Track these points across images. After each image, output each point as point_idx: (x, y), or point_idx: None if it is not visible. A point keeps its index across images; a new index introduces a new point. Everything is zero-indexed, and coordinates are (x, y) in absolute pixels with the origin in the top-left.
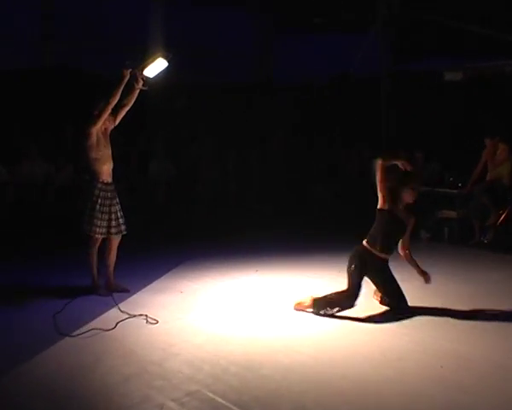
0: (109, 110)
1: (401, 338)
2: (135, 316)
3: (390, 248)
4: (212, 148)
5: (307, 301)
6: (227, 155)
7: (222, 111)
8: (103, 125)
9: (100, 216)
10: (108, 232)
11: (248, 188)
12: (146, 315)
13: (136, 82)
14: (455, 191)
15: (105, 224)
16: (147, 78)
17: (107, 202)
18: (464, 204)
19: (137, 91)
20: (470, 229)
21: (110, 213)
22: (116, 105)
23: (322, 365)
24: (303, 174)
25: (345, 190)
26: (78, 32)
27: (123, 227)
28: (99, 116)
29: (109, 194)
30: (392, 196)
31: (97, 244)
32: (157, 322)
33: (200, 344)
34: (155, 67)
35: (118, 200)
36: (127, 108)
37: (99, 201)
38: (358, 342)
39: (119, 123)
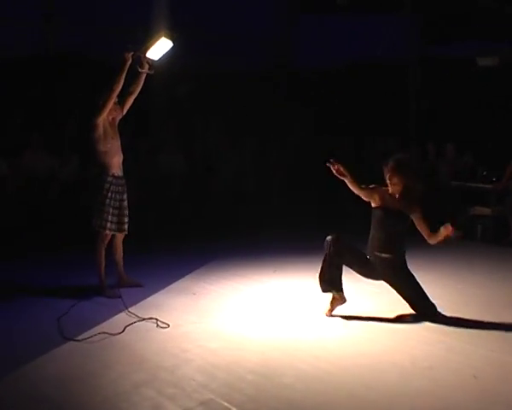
0: (113, 98)
1: (432, 345)
2: (144, 319)
3: (392, 247)
4: (227, 139)
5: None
6: (244, 146)
7: (237, 99)
8: (110, 115)
9: (111, 211)
10: (119, 229)
11: (268, 182)
12: (156, 319)
13: (140, 66)
14: (489, 186)
15: (115, 219)
16: (152, 61)
17: (118, 197)
18: (499, 200)
19: (143, 76)
20: (505, 226)
21: (121, 208)
22: (122, 93)
23: (347, 373)
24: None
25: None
26: (82, 16)
27: (126, 226)
28: (103, 106)
29: (120, 188)
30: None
31: (106, 241)
32: (168, 326)
33: (214, 350)
34: (159, 48)
35: (126, 195)
36: (134, 96)
37: (109, 195)
38: (385, 347)
39: (128, 112)
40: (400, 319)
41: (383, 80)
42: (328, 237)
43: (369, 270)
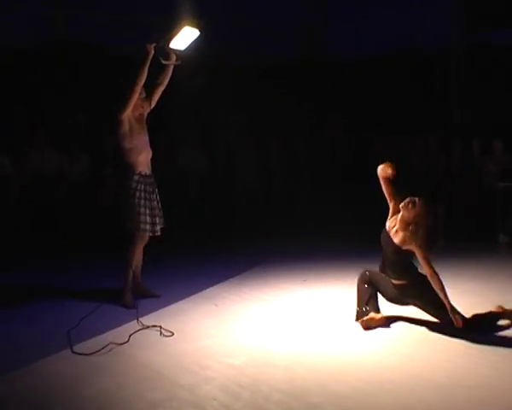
0: (138, 92)
1: (469, 360)
2: (161, 333)
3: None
4: (252, 135)
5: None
6: (270, 144)
7: (263, 93)
8: (137, 110)
9: (142, 211)
10: (152, 230)
11: (295, 182)
12: (172, 332)
13: (164, 57)
14: None
15: (149, 220)
16: (179, 51)
17: (148, 196)
18: None
19: (171, 67)
20: None
21: (152, 208)
22: (149, 85)
23: (381, 391)
24: (361, 165)
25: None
26: (91, 3)
27: (157, 227)
28: (127, 101)
29: (148, 187)
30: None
31: (145, 242)
32: (187, 340)
33: (237, 367)
34: (184, 37)
35: (157, 194)
36: (162, 88)
37: (137, 194)
38: (420, 363)
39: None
40: (431, 331)
41: (422, 71)
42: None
43: (396, 298)
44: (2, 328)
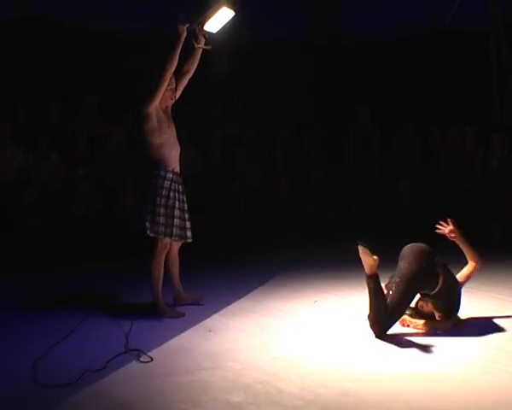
0: (167, 81)
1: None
2: (148, 360)
3: None
4: (254, 130)
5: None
6: (275, 139)
7: (268, 79)
8: (164, 102)
9: (177, 214)
10: (182, 236)
11: (305, 184)
12: (150, 358)
13: (197, 40)
14: None
15: (179, 223)
16: (209, 34)
17: (181, 197)
18: None
19: (199, 52)
20: None
21: (183, 211)
22: (175, 73)
23: None
24: (382, 162)
25: (442, 184)
26: None
27: (189, 233)
28: (156, 91)
29: (181, 187)
30: None
31: (166, 252)
32: (175, 372)
33: (235, 404)
34: (219, 19)
35: (185, 196)
36: (189, 76)
37: (171, 195)
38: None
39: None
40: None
41: (456, 52)
42: None
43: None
44: None
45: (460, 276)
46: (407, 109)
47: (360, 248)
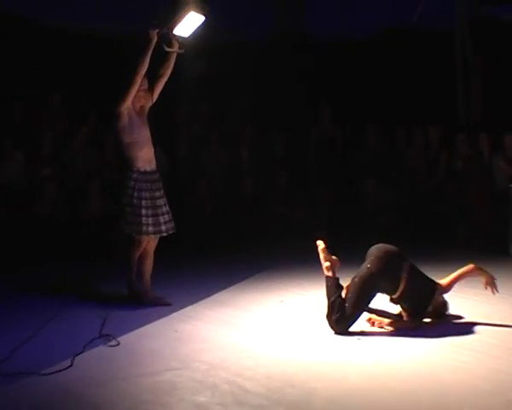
0: (138, 83)
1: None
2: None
3: None
4: (219, 129)
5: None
6: (241, 137)
7: (233, 79)
8: (138, 102)
9: (144, 213)
10: (155, 232)
11: (271, 183)
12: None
13: (169, 45)
14: None
15: (151, 221)
16: (182, 38)
17: (148, 195)
18: None
19: (174, 56)
20: None
21: (155, 207)
22: (151, 77)
23: None
24: (348, 163)
25: (407, 184)
26: None
27: (163, 227)
28: (127, 92)
29: (149, 185)
30: None
31: (142, 247)
32: (141, 373)
33: (201, 405)
34: (188, 23)
35: (162, 192)
36: (165, 79)
37: (135, 194)
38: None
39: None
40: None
41: (421, 52)
42: None
43: None
44: None
45: (443, 281)
46: (373, 109)
47: (319, 249)
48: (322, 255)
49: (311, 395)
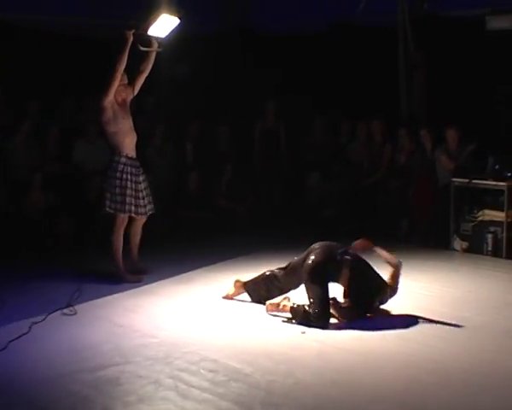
0: (118, 79)
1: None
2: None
3: None
4: (164, 123)
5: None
6: (186, 132)
7: (178, 72)
8: (119, 95)
9: (129, 193)
10: (136, 212)
11: (215, 177)
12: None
13: (144, 44)
14: (502, 184)
15: (134, 202)
16: (159, 39)
17: (134, 179)
18: None
19: (153, 54)
20: None
21: (137, 190)
22: (132, 72)
23: None
24: (292, 157)
25: (351, 178)
26: None
27: (147, 208)
28: (108, 88)
29: (134, 170)
30: None
31: (124, 226)
32: (84, 369)
33: (146, 399)
34: (163, 25)
35: (144, 176)
36: (145, 74)
37: (124, 177)
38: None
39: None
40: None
41: (365, 47)
42: None
43: None
44: None
45: (388, 279)
46: (318, 104)
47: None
48: (271, 306)
49: (255, 389)
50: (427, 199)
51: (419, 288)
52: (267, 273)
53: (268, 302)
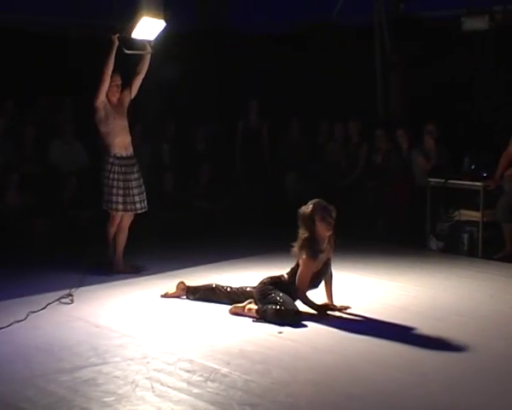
0: (107, 80)
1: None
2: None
3: None
4: (141, 123)
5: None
6: (162, 132)
7: (154, 73)
8: (113, 96)
9: (114, 192)
10: (125, 209)
11: (192, 178)
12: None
13: (127, 47)
14: (478, 184)
15: (121, 199)
16: (149, 41)
17: (121, 177)
18: (491, 202)
19: (147, 56)
20: (498, 236)
21: (125, 188)
22: (129, 74)
23: None
24: (271, 158)
25: (328, 178)
26: None
27: (138, 205)
28: (98, 89)
29: (123, 168)
30: None
31: (116, 222)
32: (61, 370)
33: (122, 399)
34: (148, 28)
35: (137, 175)
36: (141, 76)
37: (111, 176)
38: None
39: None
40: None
41: (343, 48)
42: None
43: None
44: None
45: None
46: (296, 104)
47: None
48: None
49: (232, 389)
50: (403, 199)
51: (395, 287)
52: (213, 286)
53: (232, 306)
